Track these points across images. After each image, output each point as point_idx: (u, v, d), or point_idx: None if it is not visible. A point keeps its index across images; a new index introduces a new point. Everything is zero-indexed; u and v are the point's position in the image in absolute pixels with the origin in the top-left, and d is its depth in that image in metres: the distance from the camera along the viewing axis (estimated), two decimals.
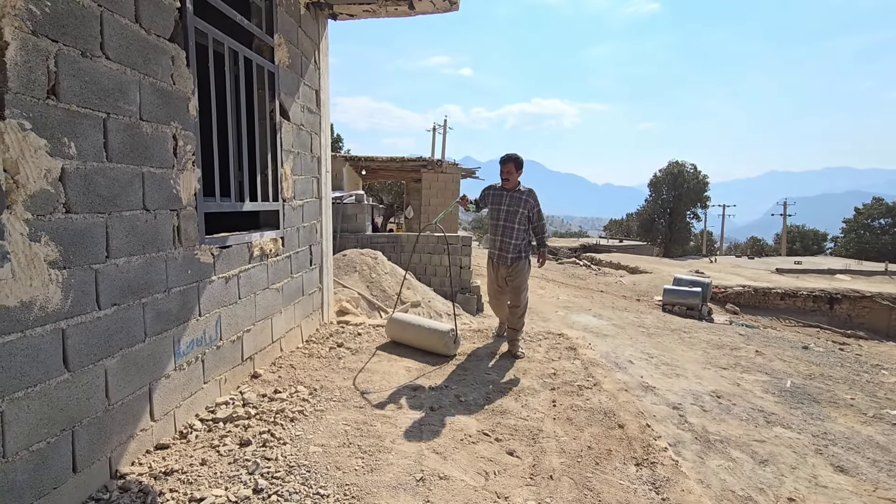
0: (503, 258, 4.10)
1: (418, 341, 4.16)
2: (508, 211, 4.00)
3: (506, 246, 4.05)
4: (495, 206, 4.07)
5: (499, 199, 4.05)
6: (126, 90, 2.11)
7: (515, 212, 3.98)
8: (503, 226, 4.03)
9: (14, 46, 1.61)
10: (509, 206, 4.00)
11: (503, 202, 4.02)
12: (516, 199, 3.99)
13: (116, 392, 2.11)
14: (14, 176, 1.63)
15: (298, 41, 3.96)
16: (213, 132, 2.86)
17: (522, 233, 4.04)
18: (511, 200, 4.00)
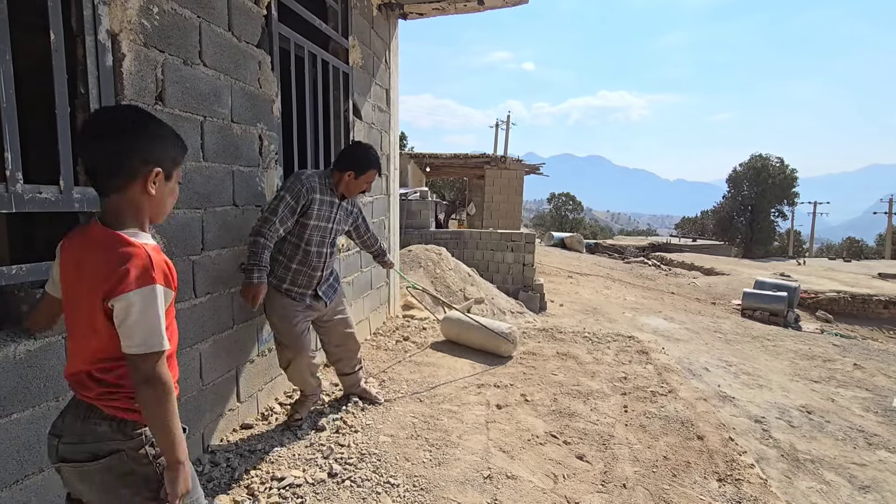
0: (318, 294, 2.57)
1: (473, 341, 4.04)
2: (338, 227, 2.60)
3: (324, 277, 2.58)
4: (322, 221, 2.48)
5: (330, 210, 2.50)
6: (220, 94, 2.27)
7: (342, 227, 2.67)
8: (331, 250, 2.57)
9: (129, 58, 1.78)
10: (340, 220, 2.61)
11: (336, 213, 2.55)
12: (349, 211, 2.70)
13: (209, 374, 2.29)
14: None
15: (371, 42, 4.07)
16: (294, 132, 3.01)
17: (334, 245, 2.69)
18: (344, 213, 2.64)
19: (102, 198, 1.10)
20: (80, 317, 1.07)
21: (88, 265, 1.05)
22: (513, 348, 3.95)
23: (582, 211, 46.16)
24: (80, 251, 1.09)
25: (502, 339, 3.88)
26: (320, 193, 2.37)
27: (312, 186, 2.34)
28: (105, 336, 1.04)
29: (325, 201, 2.41)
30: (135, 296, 1.00)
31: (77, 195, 1.63)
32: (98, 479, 1.08)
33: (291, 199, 2.28)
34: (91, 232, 1.09)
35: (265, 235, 2.22)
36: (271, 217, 2.24)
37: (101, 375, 1.08)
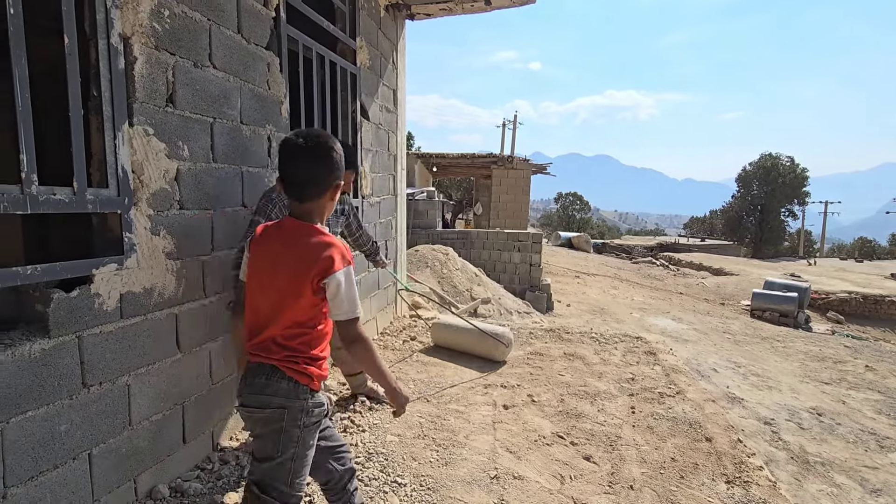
0: None
1: (464, 345, 3.85)
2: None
3: None
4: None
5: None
6: (229, 96, 2.29)
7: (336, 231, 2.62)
8: None
9: (141, 60, 1.80)
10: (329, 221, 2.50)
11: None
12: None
13: (218, 372, 2.31)
14: (140, 176, 1.83)
15: (378, 43, 4.08)
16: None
17: None
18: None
19: (299, 202, 1.39)
20: (278, 292, 1.35)
21: (294, 251, 1.35)
22: (507, 351, 3.80)
23: (589, 210, 45.97)
24: (279, 242, 1.38)
25: (496, 341, 3.72)
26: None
27: (285, 202, 2.06)
28: (305, 307, 1.34)
29: None
30: (341, 275, 1.32)
31: (90, 196, 1.65)
32: (260, 423, 1.38)
33: (261, 219, 2.02)
34: (288, 226, 1.39)
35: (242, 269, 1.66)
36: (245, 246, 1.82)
37: (285, 342, 1.35)
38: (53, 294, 1.55)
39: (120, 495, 1.81)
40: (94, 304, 1.68)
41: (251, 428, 1.43)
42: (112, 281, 1.73)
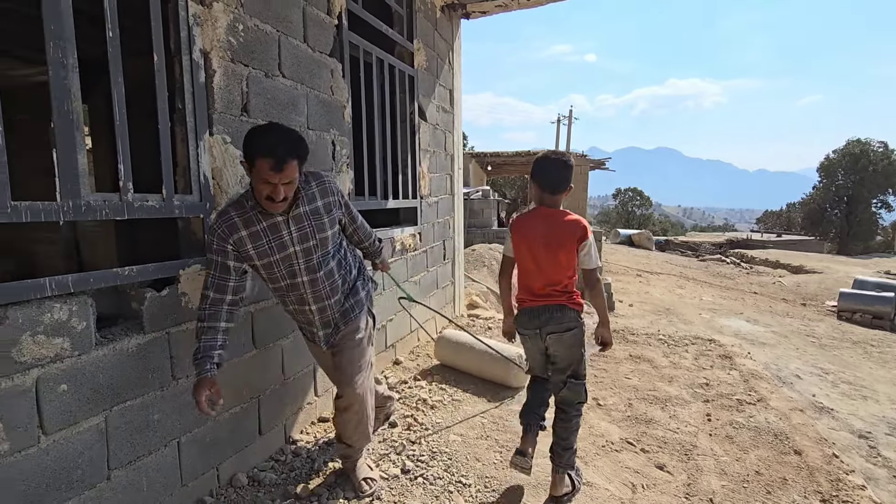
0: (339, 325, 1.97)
1: (470, 366, 3.29)
2: (309, 245, 1.80)
3: (334, 303, 1.91)
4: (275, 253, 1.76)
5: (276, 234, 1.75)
6: (297, 103, 2.38)
7: (325, 237, 1.82)
8: (315, 276, 1.83)
9: (219, 73, 1.91)
10: (307, 234, 1.78)
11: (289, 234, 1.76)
12: (313, 211, 1.79)
13: (289, 368, 2.41)
14: (218, 182, 1.95)
15: (434, 44, 4.11)
16: (363, 136, 3.10)
17: (344, 259, 1.98)
18: (306, 223, 1.78)
19: (552, 195, 2.01)
20: (555, 256, 1.96)
21: (561, 227, 1.97)
22: (524, 378, 2.89)
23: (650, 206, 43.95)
24: (545, 223, 1.99)
25: (509, 364, 3.05)
26: (245, 228, 1.67)
27: (226, 231, 1.66)
28: (571, 263, 1.99)
29: (256, 233, 1.68)
30: (591, 239, 1.98)
31: (177, 202, 1.77)
32: (567, 341, 2.01)
33: (214, 256, 1.67)
34: (547, 213, 2.01)
35: (201, 317, 1.66)
36: (203, 293, 1.68)
37: (564, 288, 2.00)
38: (147, 293, 1.68)
39: (204, 481, 1.93)
40: (182, 303, 1.80)
41: (556, 348, 2.03)
42: (196, 281, 1.85)
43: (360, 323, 1.97)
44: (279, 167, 1.52)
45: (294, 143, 1.59)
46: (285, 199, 1.61)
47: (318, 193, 1.79)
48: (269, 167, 1.52)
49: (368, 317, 2.05)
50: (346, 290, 1.95)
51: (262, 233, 1.70)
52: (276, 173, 1.52)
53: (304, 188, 1.73)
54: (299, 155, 1.60)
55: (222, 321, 1.67)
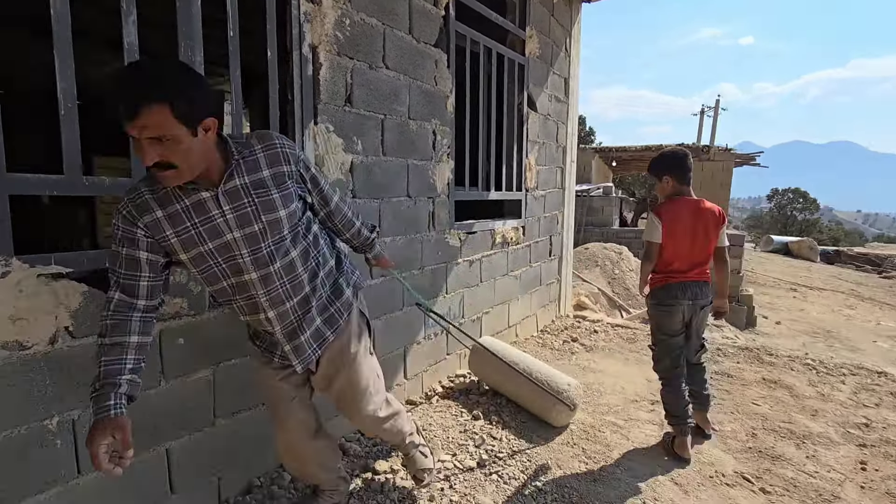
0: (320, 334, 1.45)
1: (508, 389, 2.74)
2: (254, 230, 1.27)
3: (299, 301, 1.38)
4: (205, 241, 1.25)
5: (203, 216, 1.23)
6: (399, 93, 2.46)
7: (275, 218, 1.29)
8: (268, 271, 1.31)
9: (325, 66, 2.05)
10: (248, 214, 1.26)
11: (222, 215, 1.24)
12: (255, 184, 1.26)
13: (381, 348, 2.52)
14: (321, 168, 2.10)
15: (550, 30, 3.94)
16: (466, 126, 3.09)
17: (314, 248, 1.43)
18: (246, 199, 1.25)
19: (688, 185, 2.36)
20: (705, 239, 2.29)
21: (705, 215, 2.29)
22: (569, 416, 2.55)
23: (817, 210, 37.22)
24: (690, 212, 2.29)
25: (553, 399, 2.49)
26: (161, 207, 1.19)
27: (133, 212, 1.18)
28: (713, 245, 2.34)
29: (177, 214, 1.20)
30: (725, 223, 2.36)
31: None
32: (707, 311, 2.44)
33: (119, 247, 1.20)
34: (689, 201, 2.32)
35: (102, 330, 1.17)
36: (107, 296, 1.21)
37: (707, 268, 2.34)
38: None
39: None
40: None
41: (700, 317, 2.38)
42: None
43: (352, 331, 1.49)
44: (129, 112, 0.99)
45: (163, 78, 1.02)
46: (166, 166, 1.07)
47: (263, 160, 1.26)
48: (133, 119, 1.00)
49: (361, 321, 1.55)
50: (325, 290, 1.44)
51: (184, 213, 1.20)
52: (129, 122, 1.00)
53: (240, 152, 1.23)
54: (175, 99, 1.01)
55: (133, 335, 1.17)
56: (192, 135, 1.07)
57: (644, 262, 2.37)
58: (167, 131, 1.02)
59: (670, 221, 2.29)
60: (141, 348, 1.19)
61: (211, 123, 1.12)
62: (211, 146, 1.16)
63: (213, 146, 1.17)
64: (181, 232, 1.21)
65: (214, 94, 1.14)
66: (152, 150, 1.03)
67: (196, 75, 1.10)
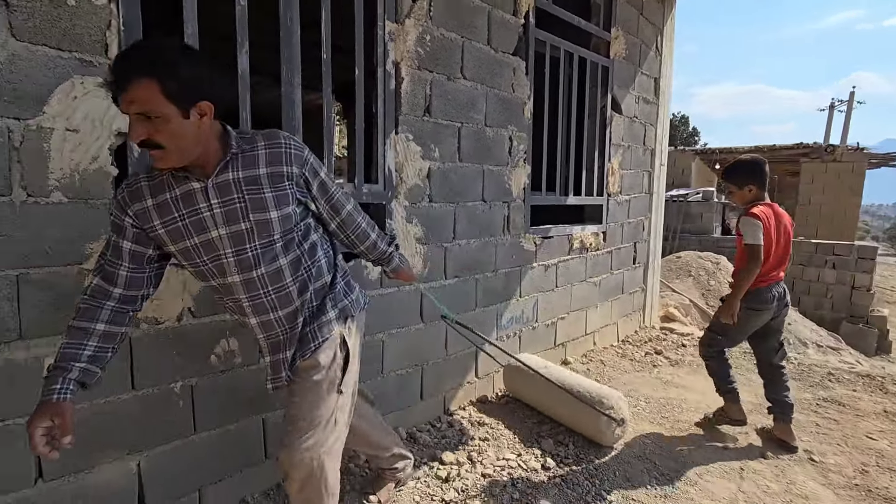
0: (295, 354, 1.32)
1: (544, 403, 2.61)
2: (240, 229, 1.19)
3: (286, 314, 1.29)
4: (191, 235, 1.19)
5: (190, 208, 1.17)
6: (475, 102, 2.56)
7: (264, 219, 1.20)
8: (251, 276, 1.23)
9: (406, 80, 2.21)
10: (236, 211, 1.19)
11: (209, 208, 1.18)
12: (249, 180, 1.18)
13: (452, 346, 2.64)
14: (400, 174, 2.26)
15: (638, 30, 3.81)
16: (544, 131, 3.11)
17: (307, 258, 1.31)
18: (236, 195, 1.18)
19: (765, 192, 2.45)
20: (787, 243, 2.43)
21: (785, 219, 2.44)
22: (619, 434, 2.37)
23: None
24: (775, 214, 2.39)
25: (597, 414, 2.27)
26: (153, 196, 1.16)
27: (126, 198, 1.17)
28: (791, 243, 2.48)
29: (166, 203, 1.17)
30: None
31: (366, 190, 2.14)
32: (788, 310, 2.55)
33: (110, 232, 1.20)
34: (773, 206, 2.41)
35: (75, 311, 1.16)
36: (89, 278, 1.24)
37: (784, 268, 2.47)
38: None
39: None
40: (363, 273, 2.17)
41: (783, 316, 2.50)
42: None
43: (321, 357, 1.31)
44: (119, 86, 1.00)
45: (157, 55, 1.01)
46: (153, 145, 1.04)
47: (263, 157, 1.20)
48: (128, 90, 0.99)
49: (339, 350, 1.35)
50: (312, 307, 1.31)
51: (172, 204, 1.16)
52: (120, 96, 1.01)
53: (240, 147, 1.18)
54: (164, 77, 0.99)
55: (100, 322, 1.14)
56: (184, 116, 1.03)
57: (751, 266, 2.28)
58: (155, 108, 1.00)
59: (766, 223, 2.32)
60: (107, 337, 1.14)
61: (206, 108, 1.07)
62: (207, 134, 1.11)
63: (210, 135, 1.13)
64: (168, 223, 1.16)
65: (215, 80, 1.09)
66: (140, 127, 1.01)
67: (196, 57, 1.07)
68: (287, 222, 1.23)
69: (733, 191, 2.47)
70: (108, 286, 1.16)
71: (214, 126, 1.14)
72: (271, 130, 1.26)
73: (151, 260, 1.21)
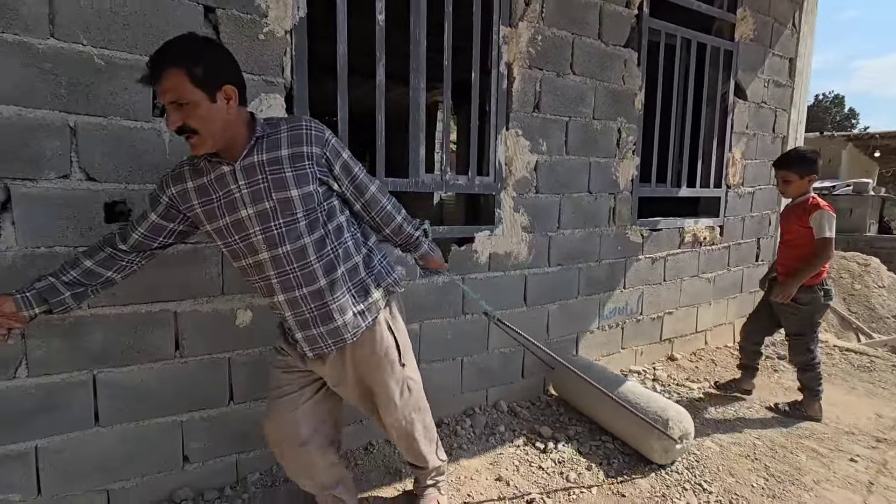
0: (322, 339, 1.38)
1: (595, 412, 2.42)
2: (265, 207, 1.28)
3: (311, 292, 1.34)
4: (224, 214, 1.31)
5: (224, 189, 1.29)
6: (584, 96, 2.64)
7: (286, 197, 1.27)
8: (278, 252, 1.31)
9: (518, 79, 2.38)
10: (261, 191, 1.28)
11: (238, 189, 1.28)
12: (271, 161, 1.27)
13: (553, 331, 2.77)
14: (509, 167, 2.44)
15: (770, 7, 3.51)
16: (656, 121, 3.06)
17: (333, 238, 1.36)
18: (260, 175, 1.27)
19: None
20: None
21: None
22: (671, 452, 2.08)
23: None
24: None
25: (650, 428, 2.06)
26: (193, 179, 1.30)
27: (169, 179, 1.33)
28: None
29: (204, 186, 1.30)
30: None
31: (477, 182, 2.36)
32: None
33: (147, 201, 1.39)
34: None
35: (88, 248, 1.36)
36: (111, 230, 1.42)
37: None
38: (451, 246, 2.33)
39: (475, 397, 2.53)
40: (473, 258, 2.40)
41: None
42: (485, 243, 2.42)
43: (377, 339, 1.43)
44: (153, 78, 1.13)
45: (183, 47, 1.14)
46: (191, 134, 1.17)
47: (285, 139, 1.28)
48: (151, 82, 1.14)
49: (387, 331, 1.45)
50: (348, 289, 1.37)
51: (209, 186, 1.28)
52: (156, 88, 1.15)
53: (265, 131, 1.28)
54: (190, 65, 1.11)
55: (91, 260, 1.31)
56: (211, 101, 1.15)
57: (823, 258, 2.38)
58: (185, 95, 1.12)
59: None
60: (90, 274, 1.30)
61: (231, 91, 1.18)
62: (235, 118, 1.22)
63: (238, 120, 1.23)
64: (205, 203, 1.28)
65: (236, 66, 1.22)
66: (175, 115, 1.14)
67: (215, 46, 1.21)
68: (309, 201, 1.29)
69: (793, 180, 2.48)
70: (118, 240, 1.33)
71: (242, 114, 1.25)
72: (294, 116, 1.34)
73: (167, 235, 1.35)
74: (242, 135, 1.25)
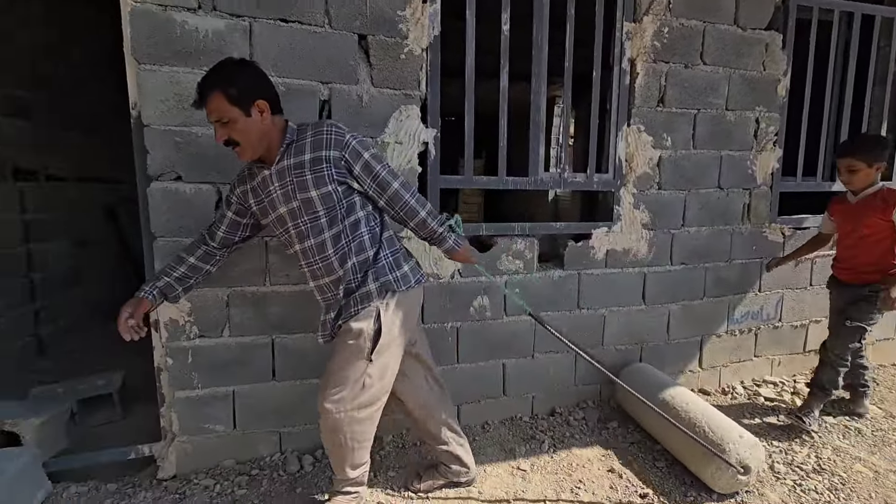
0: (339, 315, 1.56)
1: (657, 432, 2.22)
2: (293, 206, 1.49)
3: (332, 281, 1.54)
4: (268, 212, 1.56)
5: (266, 190, 1.53)
6: (716, 87, 2.50)
7: (307, 198, 1.47)
8: (305, 246, 1.54)
9: (641, 75, 2.35)
10: (289, 192, 1.48)
11: (274, 191, 1.51)
12: (296, 165, 1.46)
13: (674, 332, 2.67)
14: (629, 164, 2.43)
15: None
16: (804, 109, 2.76)
17: (349, 233, 1.51)
18: (288, 178, 1.47)
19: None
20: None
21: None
22: (735, 480, 1.82)
23: None
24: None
25: (711, 455, 1.83)
26: (250, 180, 1.55)
27: (237, 181, 1.60)
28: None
29: (255, 187, 1.54)
30: None
31: (596, 179, 2.39)
32: None
33: (224, 200, 1.67)
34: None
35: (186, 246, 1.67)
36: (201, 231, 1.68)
37: None
38: (568, 242, 2.40)
39: (589, 391, 2.56)
40: (590, 254, 2.43)
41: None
42: (602, 239, 2.44)
43: (354, 325, 1.50)
44: (200, 102, 1.35)
45: (219, 72, 1.34)
46: (235, 145, 1.39)
47: (309, 145, 1.45)
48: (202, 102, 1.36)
49: (374, 322, 1.50)
50: (354, 278, 1.51)
51: (258, 187, 1.52)
52: (205, 110, 1.36)
53: (296, 137, 1.47)
54: (225, 87, 1.32)
55: (194, 257, 1.60)
56: (247, 115, 1.35)
57: None
58: (225, 113, 1.33)
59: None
60: (194, 269, 1.59)
61: (263, 105, 1.37)
62: (270, 128, 1.41)
63: (273, 129, 1.43)
64: (258, 202, 1.53)
65: (267, 83, 1.41)
66: (220, 130, 1.35)
67: (245, 66, 1.38)
68: (328, 200, 1.46)
69: (860, 169, 2.17)
70: (208, 238, 1.60)
71: (277, 122, 1.44)
72: (321, 121, 1.50)
73: (243, 229, 1.61)
74: (277, 142, 1.45)
